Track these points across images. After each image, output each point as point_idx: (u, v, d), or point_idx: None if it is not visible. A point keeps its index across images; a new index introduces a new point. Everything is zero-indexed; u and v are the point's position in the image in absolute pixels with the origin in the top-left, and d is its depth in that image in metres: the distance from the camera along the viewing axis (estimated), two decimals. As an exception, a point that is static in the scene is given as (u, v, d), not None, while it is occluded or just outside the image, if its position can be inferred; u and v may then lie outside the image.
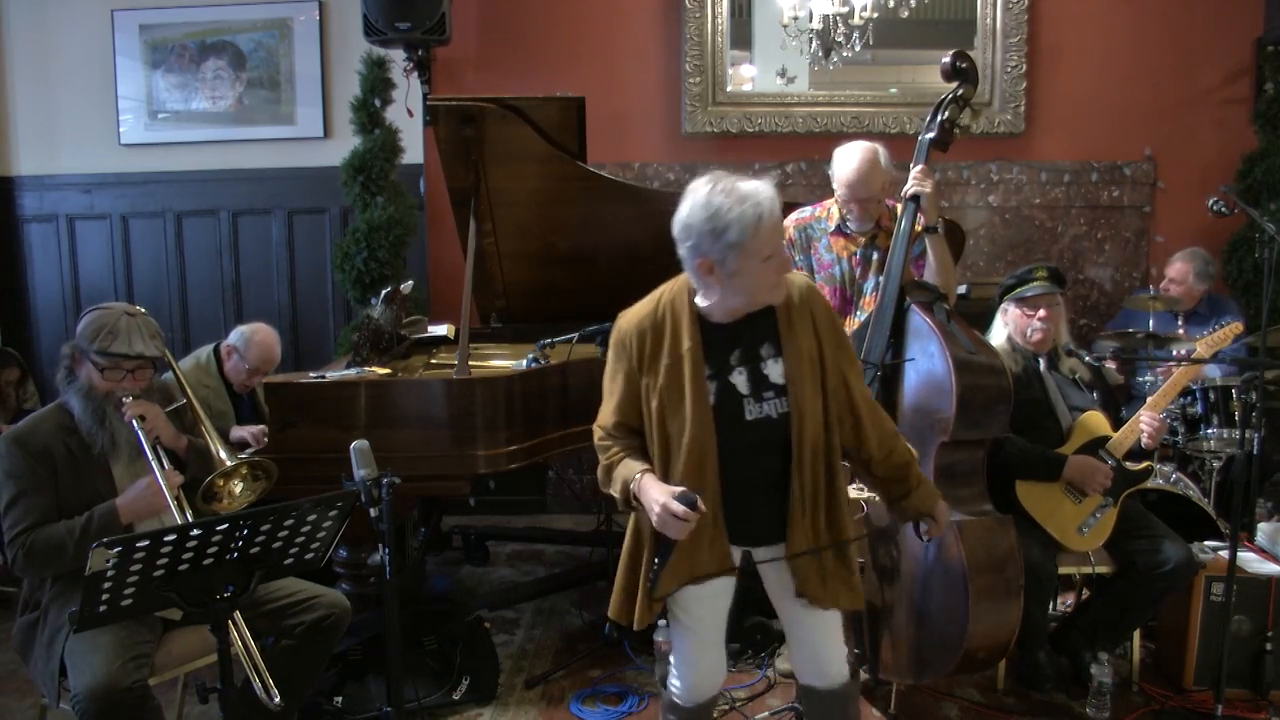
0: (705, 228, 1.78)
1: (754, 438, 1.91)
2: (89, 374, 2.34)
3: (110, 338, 2.28)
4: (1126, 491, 2.84)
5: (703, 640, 2.08)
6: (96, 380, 2.33)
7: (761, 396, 1.90)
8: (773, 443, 1.91)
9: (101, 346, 2.28)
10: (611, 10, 4.76)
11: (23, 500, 2.24)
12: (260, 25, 4.85)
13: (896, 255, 2.79)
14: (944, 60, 2.88)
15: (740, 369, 1.91)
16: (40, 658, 2.28)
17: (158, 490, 2.26)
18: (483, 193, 3.46)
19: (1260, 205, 4.36)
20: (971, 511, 2.53)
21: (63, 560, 2.21)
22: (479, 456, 2.89)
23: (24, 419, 2.39)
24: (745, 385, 1.91)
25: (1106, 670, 2.76)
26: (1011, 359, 2.92)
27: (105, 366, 2.31)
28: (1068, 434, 2.89)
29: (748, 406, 1.90)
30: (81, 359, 2.35)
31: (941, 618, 2.47)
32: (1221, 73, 4.74)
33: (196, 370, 3.60)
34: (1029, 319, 2.92)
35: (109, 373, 2.32)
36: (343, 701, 2.81)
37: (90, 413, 2.33)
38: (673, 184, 4.74)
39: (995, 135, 4.74)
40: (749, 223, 1.77)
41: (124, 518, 2.28)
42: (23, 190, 5.02)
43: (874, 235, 3.06)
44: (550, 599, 3.78)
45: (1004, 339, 2.98)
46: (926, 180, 2.84)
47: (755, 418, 1.90)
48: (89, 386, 2.34)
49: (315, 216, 4.98)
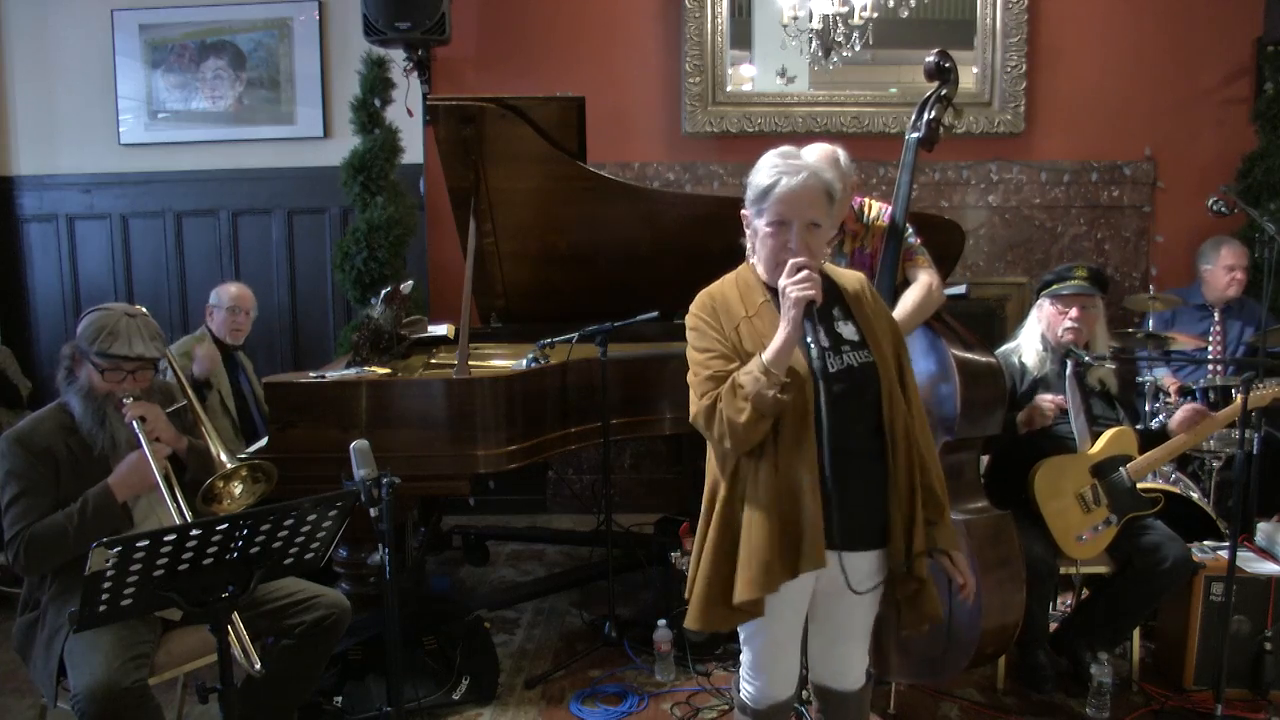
0: (750, 177, 1.88)
1: (839, 389, 1.82)
2: (89, 375, 2.34)
3: (111, 339, 2.28)
4: (1131, 514, 2.87)
5: (777, 642, 1.98)
6: (97, 381, 2.33)
7: (840, 350, 1.87)
8: (859, 400, 1.84)
9: (102, 348, 2.28)
10: (611, 10, 4.76)
11: (24, 499, 2.25)
12: (260, 25, 4.84)
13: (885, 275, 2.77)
14: (928, 60, 2.87)
15: (816, 328, 1.86)
16: (40, 657, 2.28)
17: (145, 461, 2.25)
18: (483, 193, 3.46)
19: (1260, 205, 4.37)
20: (973, 511, 2.54)
21: (64, 547, 2.21)
22: (479, 456, 2.89)
23: (24, 419, 2.38)
24: (825, 339, 1.87)
25: (1106, 670, 2.77)
26: (1039, 358, 2.93)
27: (105, 368, 2.31)
28: (1081, 443, 2.90)
29: (829, 358, 1.85)
30: (81, 360, 2.35)
31: (954, 618, 2.47)
32: (1221, 73, 4.74)
33: (190, 343, 3.79)
34: (1062, 316, 2.92)
35: (109, 374, 2.32)
36: (343, 701, 2.81)
37: (91, 413, 2.33)
38: (673, 184, 4.74)
39: (995, 135, 4.75)
40: (765, 181, 1.83)
41: (118, 494, 2.27)
42: (23, 190, 5.02)
43: (840, 240, 2.96)
44: (550, 599, 3.78)
45: (1036, 335, 2.98)
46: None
47: (837, 369, 1.84)
48: (89, 387, 2.34)
49: (315, 216, 4.97)
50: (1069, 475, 2.85)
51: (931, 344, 2.64)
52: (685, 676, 3.10)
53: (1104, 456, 2.87)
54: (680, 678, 3.10)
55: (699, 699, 2.97)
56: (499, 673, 3.10)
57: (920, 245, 2.84)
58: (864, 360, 1.87)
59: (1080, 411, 2.94)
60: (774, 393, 1.74)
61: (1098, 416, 2.95)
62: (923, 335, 2.67)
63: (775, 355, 1.77)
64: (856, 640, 2.03)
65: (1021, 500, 2.82)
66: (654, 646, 3.10)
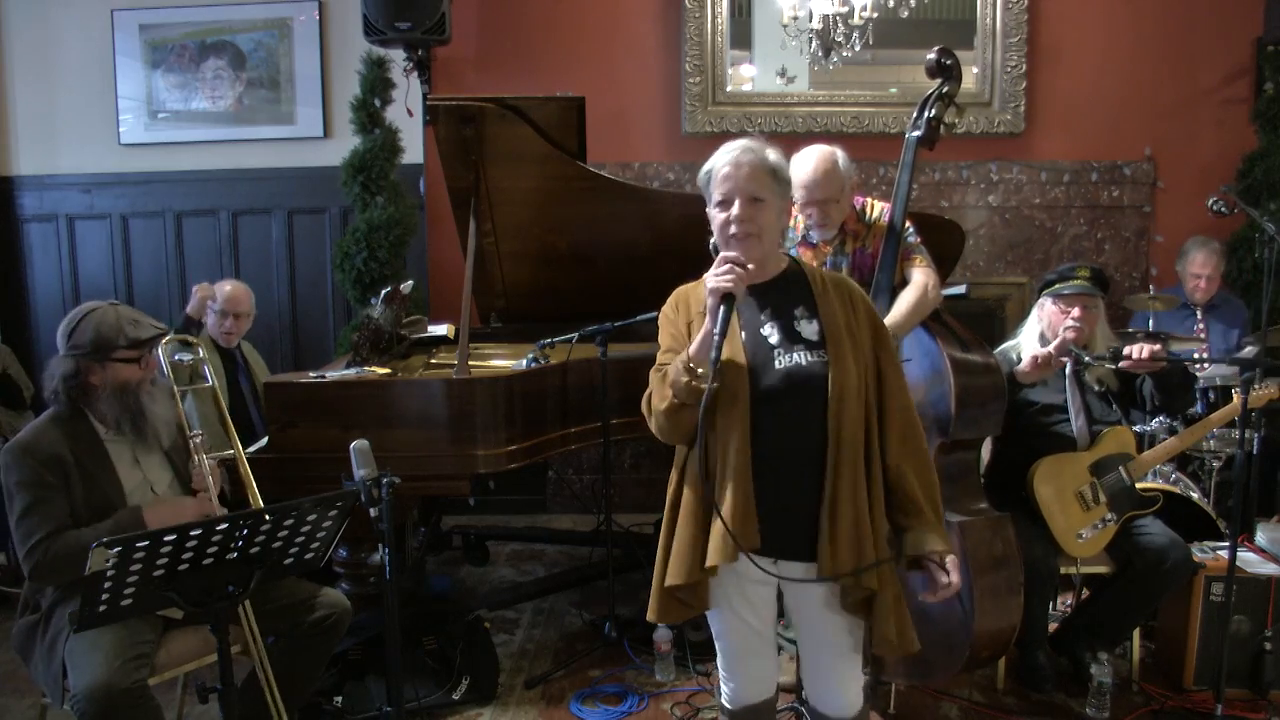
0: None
1: (784, 385, 1.79)
2: (117, 373, 2.33)
3: (135, 327, 2.34)
4: (1131, 513, 2.87)
5: (740, 646, 1.96)
6: (129, 374, 2.34)
7: (792, 347, 1.82)
8: (803, 399, 1.79)
9: (134, 336, 2.32)
10: (611, 10, 4.76)
11: (38, 508, 2.23)
12: (260, 25, 4.84)
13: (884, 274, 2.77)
14: (929, 57, 2.86)
15: (770, 323, 1.85)
16: (41, 660, 2.27)
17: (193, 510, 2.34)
18: (483, 192, 3.46)
19: (1260, 205, 4.37)
20: (969, 512, 2.53)
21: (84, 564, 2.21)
22: (479, 456, 2.89)
23: (24, 429, 2.37)
24: (776, 336, 1.84)
25: (1106, 670, 2.77)
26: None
27: (138, 356, 2.35)
28: (1080, 442, 2.90)
29: (778, 355, 1.82)
30: (97, 364, 2.33)
31: (947, 621, 2.47)
32: (1221, 73, 4.74)
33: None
34: (1063, 316, 2.92)
35: (141, 361, 2.37)
36: (343, 701, 2.81)
37: (128, 410, 2.35)
38: (673, 184, 4.74)
39: (995, 135, 4.75)
40: (706, 167, 1.87)
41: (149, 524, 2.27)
42: (23, 190, 5.02)
43: (841, 241, 2.96)
44: (550, 599, 3.78)
45: (1035, 334, 2.98)
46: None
47: (785, 366, 1.80)
48: (120, 384, 2.34)
49: (315, 216, 4.98)
50: (1068, 474, 2.85)
51: (927, 344, 2.63)
52: (685, 676, 3.10)
53: (1103, 455, 2.87)
54: (680, 678, 3.10)
55: (699, 699, 2.97)
56: (499, 673, 3.10)
57: (919, 244, 2.84)
58: (816, 359, 1.81)
59: (1080, 411, 2.94)
60: (687, 379, 1.75)
61: (1097, 419, 2.95)
62: (918, 336, 2.67)
63: (696, 346, 1.78)
64: (844, 659, 1.92)
65: (1021, 499, 2.82)
66: (654, 646, 3.11)
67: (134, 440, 2.38)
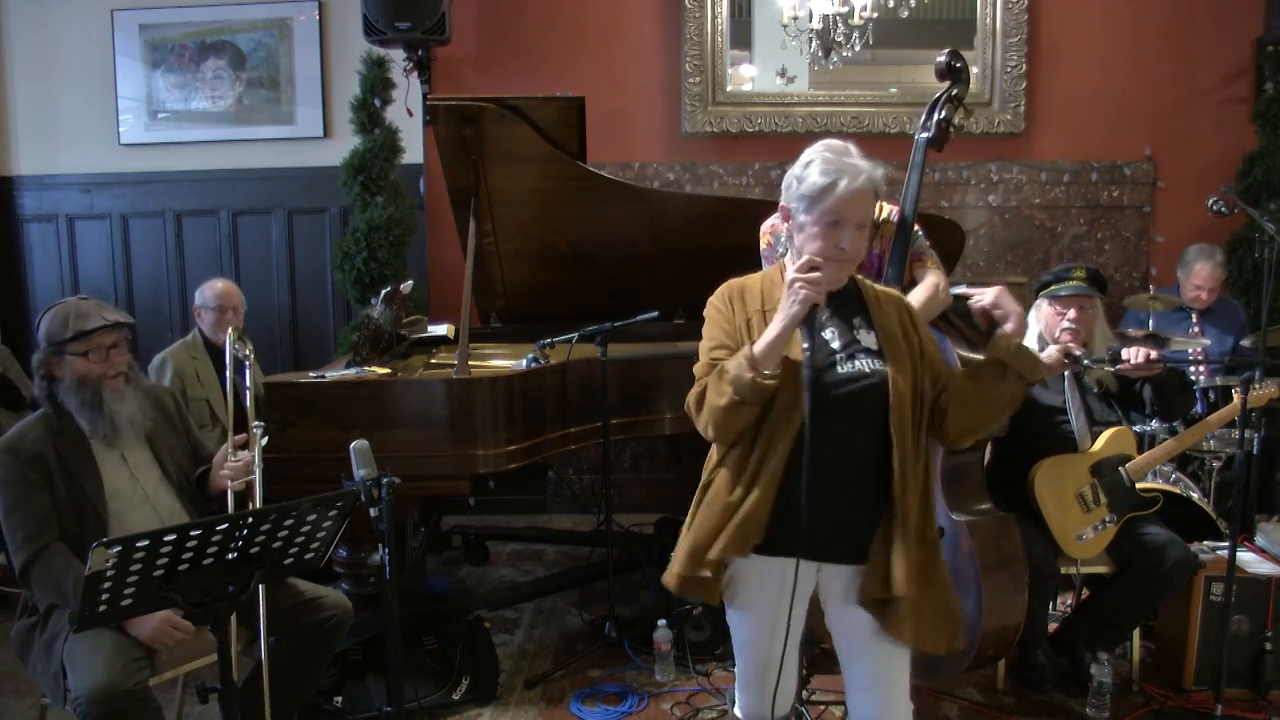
0: (793, 171, 1.84)
1: (840, 391, 1.79)
2: (73, 367, 2.33)
3: (80, 319, 2.31)
4: (1130, 514, 2.87)
5: (759, 662, 1.94)
6: (84, 368, 2.33)
7: (854, 355, 1.83)
8: (862, 407, 1.80)
9: (77, 328, 2.30)
10: (611, 10, 4.76)
11: (21, 506, 2.24)
12: (260, 25, 4.84)
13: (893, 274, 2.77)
14: (939, 59, 2.87)
15: (832, 328, 1.85)
16: (40, 661, 2.27)
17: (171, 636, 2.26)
18: (483, 193, 3.46)
19: (1260, 205, 4.37)
20: (976, 512, 2.53)
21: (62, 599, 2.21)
22: (479, 456, 2.89)
23: (10, 429, 2.38)
24: (838, 341, 1.84)
25: (1106, 670, 2.77)
26: None
27: (88, 349, 2.32)
28: (1080, 442, 2.90)
29: (840, 360, 1.82)
30: (59, 359, 2.34)
31: None
32: (1221, 73, 4.74)
33: (184, 348, 3.70)
34: (1059, 318, 2.91)
35: (93, 354, 2.33)
36: (343, 701, 2.81)
37: (87, 402, 2.33)
38: (673, 184, 4.74)
39: (995, 135, 4.75)
40: (822, 180, 1.77)
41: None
42: (23, 190, 5.02)
43: None
44: (550, 599, 3.78)
45: (1033, 336, 2.98)
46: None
47: (847, 371, 1.81)
48: (79, 378, 2.33)
49: (315, 216, 4.98)
50: (1068, 475, 2.85)
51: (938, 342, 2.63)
52: (685, 676, 3.10)
53: (1103, 456, 2.87)
54: (680, 678, 3.10)
55: (699, 699, 2.97)
56: (499, 673, 3.10)
57: (929, 247, 2.84)
58: (875, 368, 1.82)
59: (1080, 411, 2.94)
60: (753, 376, 1.73)
61: (1097, 421, 2.95)
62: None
63: (766, 346, 1.75)
64: (891, 687, 1.89)
65: (1021, 500, 2.82)
66: (654, 646, 3.10)
67: (111, 437, 2.37)
